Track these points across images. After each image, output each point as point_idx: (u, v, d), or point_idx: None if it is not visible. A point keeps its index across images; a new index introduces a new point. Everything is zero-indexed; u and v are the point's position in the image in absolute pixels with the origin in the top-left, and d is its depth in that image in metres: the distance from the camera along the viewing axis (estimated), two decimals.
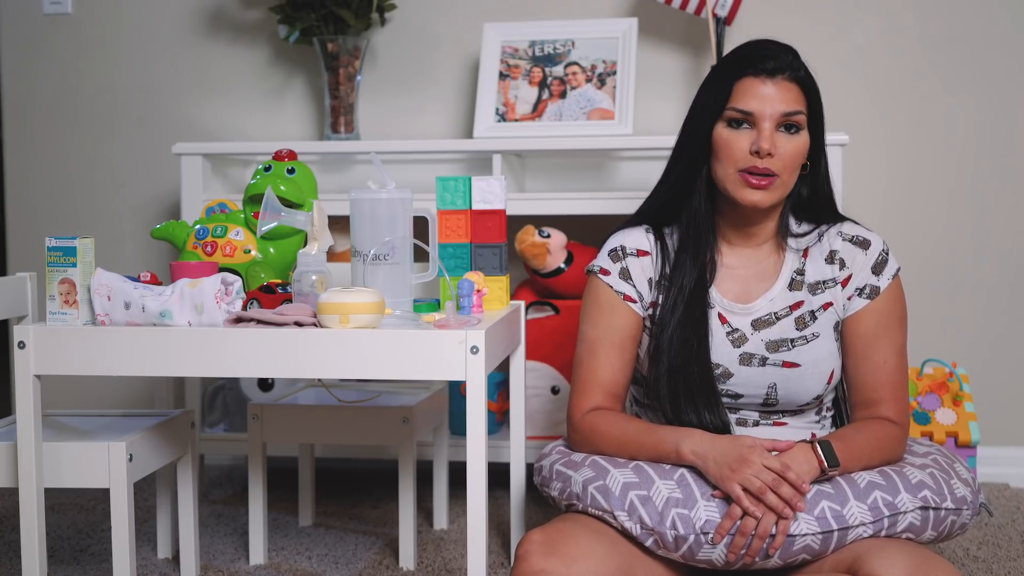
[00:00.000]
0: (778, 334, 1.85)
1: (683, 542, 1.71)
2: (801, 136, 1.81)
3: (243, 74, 3.12)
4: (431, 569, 2.24)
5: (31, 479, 1.88)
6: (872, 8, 2.89)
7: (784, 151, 1.79)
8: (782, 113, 1.79)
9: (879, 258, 1.86)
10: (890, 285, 1.86)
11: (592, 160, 2.96)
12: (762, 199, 1.81)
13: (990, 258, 2.88)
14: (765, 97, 1.79)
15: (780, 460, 1.69)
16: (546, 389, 2.69)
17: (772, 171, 1.79)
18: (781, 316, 1.86)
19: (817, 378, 1.84)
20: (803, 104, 1.81)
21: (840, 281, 1.87)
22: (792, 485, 1.67)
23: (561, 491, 1.84)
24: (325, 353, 1.78)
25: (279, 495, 2.74)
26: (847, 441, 1.76)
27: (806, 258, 1.88)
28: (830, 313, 1.86)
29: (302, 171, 2.13)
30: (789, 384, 1.83)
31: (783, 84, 1.80)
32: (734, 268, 1.90)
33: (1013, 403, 2.88)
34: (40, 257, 2.99)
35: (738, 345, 1.84)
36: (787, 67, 1.81)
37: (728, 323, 1.86)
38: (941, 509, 1.74)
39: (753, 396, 1.85)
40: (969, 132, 2.87)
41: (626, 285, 1.91)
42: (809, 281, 1.87)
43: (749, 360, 1.84)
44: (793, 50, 1.84)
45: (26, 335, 1.85)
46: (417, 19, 3.04)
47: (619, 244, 1.94)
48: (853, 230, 1.89)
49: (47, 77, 3.19)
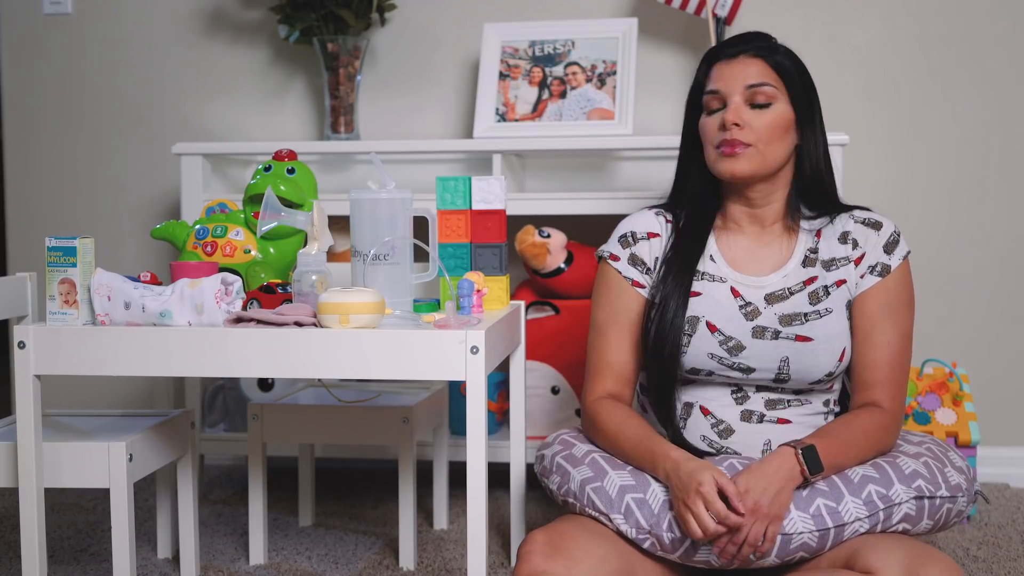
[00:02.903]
0: (791, 308, 1.86)
1: (680, 544, 1.72)
2: (772, 110, 1.85)
3: (243, 74, 3.12)
4: (431, 569, 2.24)
5: (31, 479, 1.88)
6: (872, 8, 2.89)
7: (755, 124, 1.84)
8: (745, 86, 1.85)
9: (891, 238, 1.89)
10: (900, 266, 1.88)
11: (592, 160, 2.96)
12: (735, 166, 1.85)
13: (990, 258, 2.88)
14: (730, 75, 1.87)
15: (737, 489, 1.68)
16: (546, 389, 2.69)
17: (743, 140, 1.84)
18: (795, 291, 1.87)
19: (829, 353, 1.84)
20: (771, 77, 1.86)
21: (853, 260, 1.88)
22: (734, 528, 1.67)
23: (559, 486, 1.85)
24: (325, 353, 1.78)
25: (279, 495, 2.74)
26: (836, 438, 1.76)
27: (819, 238, 1.91)
28: (843, 291, 1.87)
29: (302, 171, 2.13)
30: (802, 358, 1.83)
31: (745, 60, 1.87)
32: (746, 247, 1.91)
33: (1013, 403, 2.88)
34: (40, 257, 2.99)
35: (751, 318, 1.85)
36: (751, 47, 1.88)
37: (741, 296, 1.87)
38: (936, 498, 1.75)
39: (765, 370, 1.85)
40: (968, 132, 2.87)
41: (635, 271, 1.93)
42: (823, 258, 1.89)
43: (762, 333, 1.84)
44: (764, 34, 1.91)
45: (26, 335, 1.85)
46: (417, 19, 3.04)
47: (629, 230, 1.97)
48: (864, 214, 1.93)
49: (47, 77, 3.19)
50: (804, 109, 1.88)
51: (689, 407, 1.90)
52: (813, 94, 1.91)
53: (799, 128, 1.88)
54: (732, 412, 1.88)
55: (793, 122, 1.87)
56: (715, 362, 1.85)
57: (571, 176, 2.97)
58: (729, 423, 1.87)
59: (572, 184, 2.96)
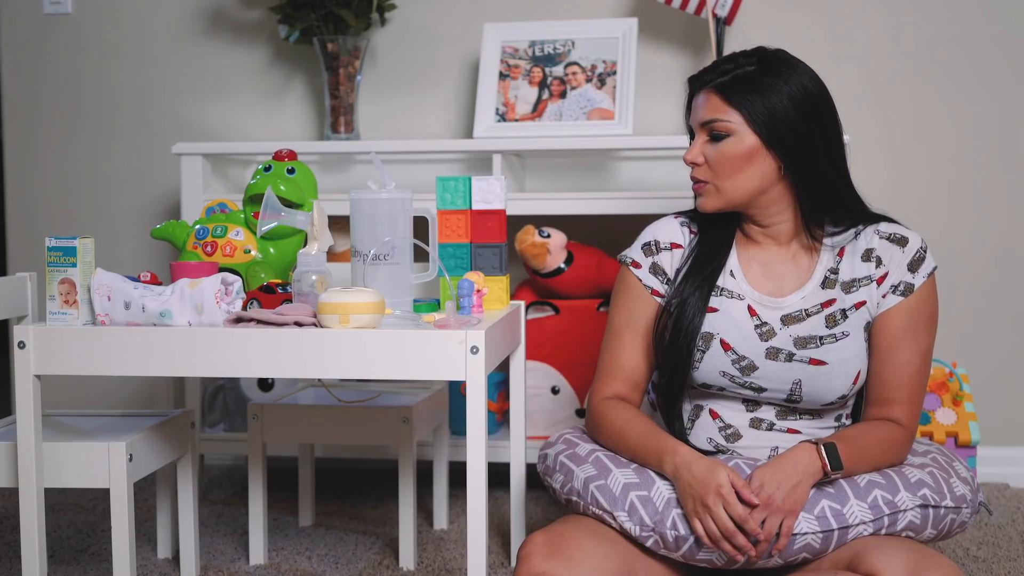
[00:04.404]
0: (807, 331, 1.84)
1: (684, 542, 1.72)
2: (729, 143, 1.82)
3: (243, 74, 3.12)
4: (431, 569, 2.24)
5: (31, 479, 1.88)
6: (872, 8, 2.89)
7: (711, 158, 1.84)
8: (699, 123, 1.85)
9: (916, 255, 1.85)
10: (924, 284, 1.84)
11: (592, 160, 2.96)
12: (701, 204, 1.88)
13: (989, 258, 2.88)
14: (694, 110, 1.88)
15: (754, 487, 1.68)
16: (546, 389, 2.69)
17: (699, 178, 1.86)
18: (812, 313, 1.85)
19: (843, 377, 1.83)
20: (725, 112, 1.81)
21: (876, 279, 1.85)
22: (750, 534, 1.67)
23: (563, 484, 1.84)
24: (325, 353, 1.78)
25: (279, 495, 2.74)
26: (852, 443, 1.76)
27: (841, 256, 1.87)
28: (862, 312, 1.84)
29: (302, 171, 2.13)
30: (815, 382, 1.82)
31: (703, 95, 1.86)
32: (766, 264, 1.90)
33: (1013, 403, 2.88)
34: (40, 257, 2.99)
35: (766, 339, 1.84)
36: (708, 79, 1.85)
37: (757, 315, 1.86)
38: (941, 507, 1.75)
39: (777, 391, 1.84)
40: (968, 132, 2.87)
41: (655, 280, 1.93)
42: (843, 280, 1.86)
43: (776, 355, 1.83)
44: (734, 56, 1.85)
45: (26, 335, 1.85)
46: (417, 19, 3.04)
47: (653, 238, 1.96)
48: (891, 228, 1.88)
49: (47, 77, 3.19)
50: (773, 132, 1.80)
51: (699, 409, 1.90)
52: (793, 112, 1.80)
53: (772, 150, 1.81)
54: (742, 418, 1.87)
55: (759, 148, 1.81)
56: (727, 380, 1.85)
57: (571, 176, 2.97)
58: (737, 428, 1.87)
59: (572, 184, 2.96)
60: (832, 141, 1.85)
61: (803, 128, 1.81)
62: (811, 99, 1.82)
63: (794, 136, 1.81)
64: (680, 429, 1.90)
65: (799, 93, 1.81)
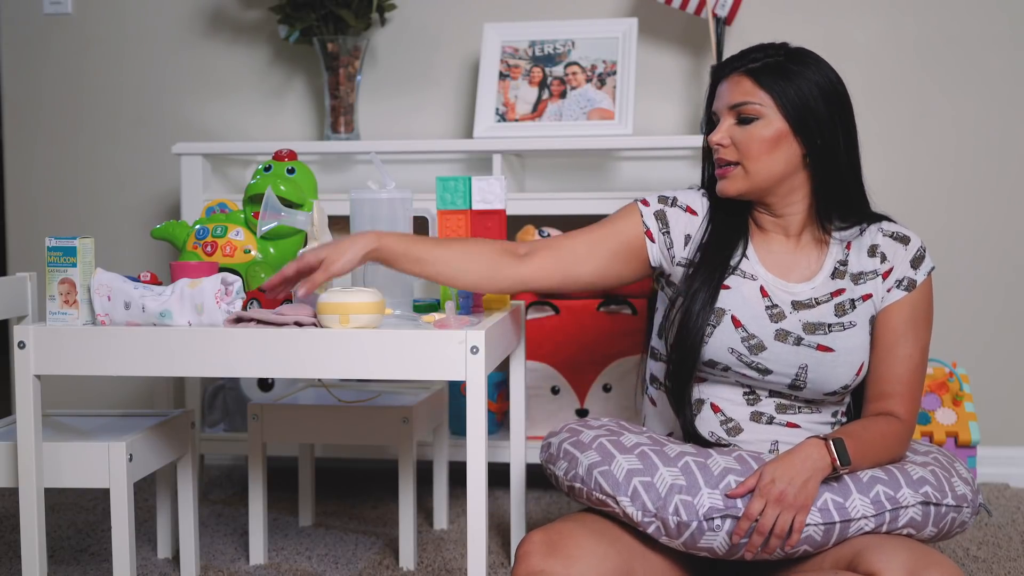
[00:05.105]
0: (817, 317, 1.86)
1: (685, 528, 1.72)
2: (756, 124, 1.84)
3: (243, 74, 3.12)
4: (431, 569, 2.24)
5: (31, 479, 1.88)
6: (872, 8, 2.89)
7: (739, 140, 1.85)
8: (728, 106, 1.86)
9: (917, 253, 1.90)
10: (924, 281, 1.89)
11: (592, 160, 2.96)
12: (724, 187, 1.87)
13: (989, 258, 2.88)
14: (720, 95, 1.88)
15: (764, 483, 1.70)
16: (546, 389, 2.69)
17: (727, 159, 1.85)
18: (822, 301, 1.88)
19: (848, 367, 1.84)
20: (756, 95, 1.84)
21: (881, 274, 1.89)
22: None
23: (566, 472, 1.85)
24: (325, 353, 1.78)
25: (279, 495, 2.74)
26: (856, 438, 1.77)
27: (849, 250, 1.91)
28: (868, 305, 1.88)
29: (302, 171, 2.13)
30: (821, 368, 1.84)
31: (734, 79, 1.87)
32: (779, 253, 1.91)
33: (1013, 403, 2.88)
34: (40, 257, 3.00)
35: (776, 320, 1.85)
36: (741, 64, 1.87)
37: (769, 296, 1.88)
38: (942, 505, 1.75)
39: (782, 374, 1.85)
40: (967, 132, 2.87)
41: (655, 224, 1.94)
42: (852, 271, 1.90)
43: (785, 337, 1.84)
44: (765, 46, 1.88)
45: (26, 335, 1.85)
46: (417, 19, 3.04)
47: (672, 194, 1.98)
48: (893, 227, 1.93)
49: (47, 77, 3.19)
50: (801, 119, 1.84)
51: (700, 403, 1.90)
52: (820, 101, 1.85)
53: (799, 137, 1.85)
54: (742, 411, 1.88)
55: (787, 133, 1.84)
56: (734, 357, 1.85)
57: (571, 176, 2.97)
58: (738, 421, 1.88)
59: (572, 184, 2.96)
60: (851, 137, 1.89)
61: (828, 119, 1.86)
62: (837, 93, 1.87)
63: (820, 125, 1.85)
64: (689, 416, 1.90)
65: (827, 84, 1.86)
